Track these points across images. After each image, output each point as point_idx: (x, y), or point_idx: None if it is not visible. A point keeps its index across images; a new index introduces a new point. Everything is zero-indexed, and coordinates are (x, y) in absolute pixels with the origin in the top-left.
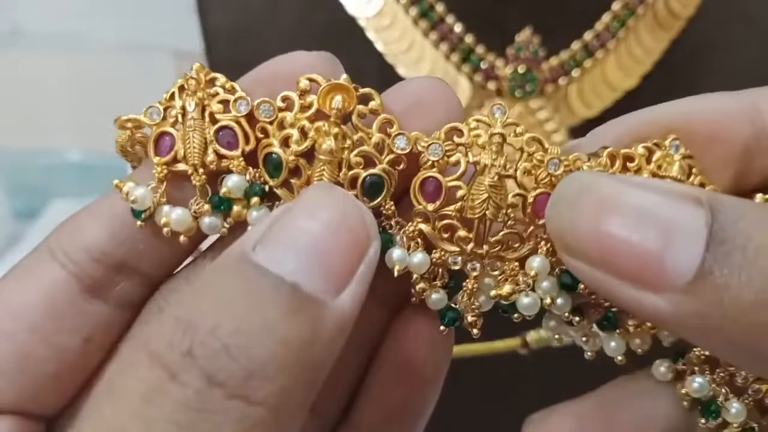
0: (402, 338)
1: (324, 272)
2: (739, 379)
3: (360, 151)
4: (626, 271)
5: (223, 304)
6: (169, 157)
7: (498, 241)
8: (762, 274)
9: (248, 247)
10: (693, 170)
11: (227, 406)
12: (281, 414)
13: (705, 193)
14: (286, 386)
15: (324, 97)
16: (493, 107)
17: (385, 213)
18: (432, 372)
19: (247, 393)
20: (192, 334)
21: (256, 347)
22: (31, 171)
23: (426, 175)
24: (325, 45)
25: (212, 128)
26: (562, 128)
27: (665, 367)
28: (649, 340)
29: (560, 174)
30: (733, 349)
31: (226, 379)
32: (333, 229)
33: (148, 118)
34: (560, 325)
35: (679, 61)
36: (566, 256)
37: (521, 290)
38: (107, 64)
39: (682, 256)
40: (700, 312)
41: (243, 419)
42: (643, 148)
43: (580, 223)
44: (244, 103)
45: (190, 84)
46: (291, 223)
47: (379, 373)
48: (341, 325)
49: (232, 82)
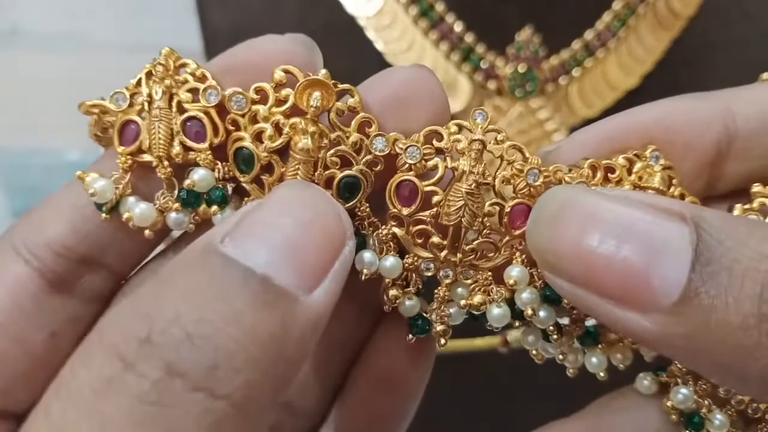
0: (381, 350)
1: (297, 267)
2: (722, 391)
3: (337, 151)
4: (609, 289)
5: (186, 293)
6: (133, 146)
7: (472, 249)
8: (749, 296)
9: (216, 239)
10: (673, 181)
11: (188, 399)
12: (247, 409)
13: (689, 208)
14: (253, 380)
15: (301, 92)
16: (474, 112)
17: (359, 214)
18: (411, 384)
19: (211, 385)
20: (152, 322)
21: (223, 337)
22: (30, 171)
23: (402, 177)
24: (325, 44)
25: (179, 118)
26: (562, 128)
27: (648, 380)
28: (630, 355)
29: (539, 185)
30: (719, 370)
31: (188, 370)
32: (307, 226)
33: (114, 104)
34: (538, 341)
35: (680, 60)
36: (548, 273)
37: (492, 300)
38: (107, 63)
39: (666, 275)
40: (686, 333)
41: (205, 414)
42: (623, 159)
43: (561, 239)
44: (214, 92)
45: (157, 70)
46: (263, 218)
47: (359, 381)
48: (314, 321)
49: (203, 69)
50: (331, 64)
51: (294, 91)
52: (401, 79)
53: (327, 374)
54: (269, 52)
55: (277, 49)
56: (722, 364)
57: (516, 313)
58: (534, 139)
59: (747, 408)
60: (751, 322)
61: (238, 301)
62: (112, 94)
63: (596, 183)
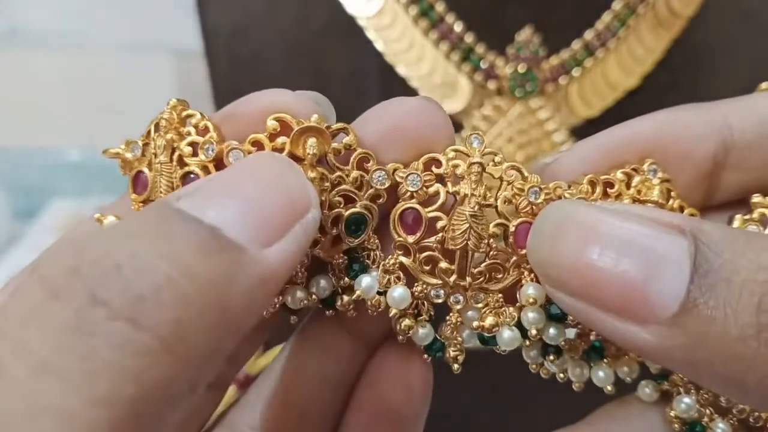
0: (377, 382)
1: (250, 222)
2: (723, 400)
3: (339, 191)
4: (609, 302)
5: (127, 234)
6: (144, 195)
7: (481, 272)
8: (747, 307)
9: (171, 197)
10: (672, 193)
11: (110, 328)
12: (177, 349)
13: (687, 221)
14: (185, 320)
15: (296, 140)
16: (470, 136)
17: (369, 247)
18: (410, 413)
19: (135, 316)
20: (83, 253)
21: (155, 272)
22: (31, 170)
23: (405, 206)
24: (324, 44)
25: (179, 172)
26: (562, 128)
27: (650, 388)
28: (637, 367)
29: (541, 202)
30: (719, 382)
31: (111, 299)
32: (268, 186)
33: (130, 153)
34: (539, 357)
35: (680, 60)
36: (549, 287)
37: (504, 323)
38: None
39: (665, 287)
40: (686, 345)
41: (127, 344)
42: (621, 173)
43: (561, 253)
44: (212, 147)
45: (161, 124)
46: (223, 179)
47: (357, 416)
48: (264, 277)
49: (207, 121)
50: (331, 64)
51: (289, 139)
52: (406, 110)
53: (324, 411)
54: (276, 104)
55: (286, 102)
56: (722, 375)
57: (525, 332)
58: (534, 139)
59: (748, 417)
60: (750, 333)
61: (181, 244)
62: (127, 143)
63: (596, 198)
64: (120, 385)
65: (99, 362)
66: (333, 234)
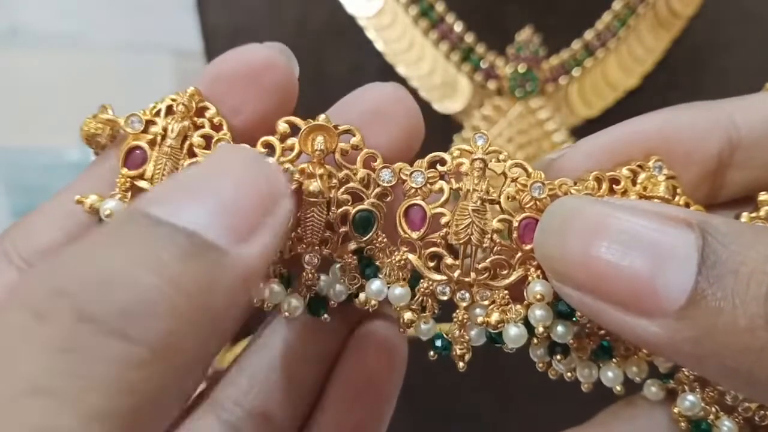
0: (355, 359)
1: (225, 221)
2: (729, 398)
3: (347, 188)
4: (617, 296)
5: (107, 246)
6: (137, 172)
7: (485, 268)
8: (755, 298)
9: (141, 203)
10: (678, 190)
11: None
12: (171, 358)
13: (695, 215)
14: (176, 330)
15: (305, 138)
16: (475, 135)
17: (377, 245)
18: (388, 388)
19: (125, 330)
20: (64, 272)
21: (142, 284)
22: (30, 170)
23: (410, 203)
24: (324, 44)
25: (187, 161)
26: (562, 128)
27: (656, 387)
28: (646, 367)
29: (544, 198)
30: (727, 375)
31: (98, 314)
32: (237, 182)
33: (129, 126)
34: (546, 356)
35: (680, 60)
36: (556, 282)
37: (510, 319)
38: (106, 63)
39: (673, 280)
40: (694, 337)
41: (118, 358)
42: (627, 170)
43: (568, 248)
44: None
45: (179, 108)
46: (191, 179)
47: (336, 392)
48: (244, 274)
49: (222, 118)
50: (331, 64)
51: (298, 138)
52: (376, 95)
53: (304, 387)
54: (252, 61)
55: (259, 57)
56: (730, 367)
57: (532, 330)
58: (534, 138)
59: (754, 415)
60: (758, 323)
61: (163, 253)
62: (128, 116)
63: (602, 194)
64: (114, 399)
65: (91, 378)
66: (341, 233)
